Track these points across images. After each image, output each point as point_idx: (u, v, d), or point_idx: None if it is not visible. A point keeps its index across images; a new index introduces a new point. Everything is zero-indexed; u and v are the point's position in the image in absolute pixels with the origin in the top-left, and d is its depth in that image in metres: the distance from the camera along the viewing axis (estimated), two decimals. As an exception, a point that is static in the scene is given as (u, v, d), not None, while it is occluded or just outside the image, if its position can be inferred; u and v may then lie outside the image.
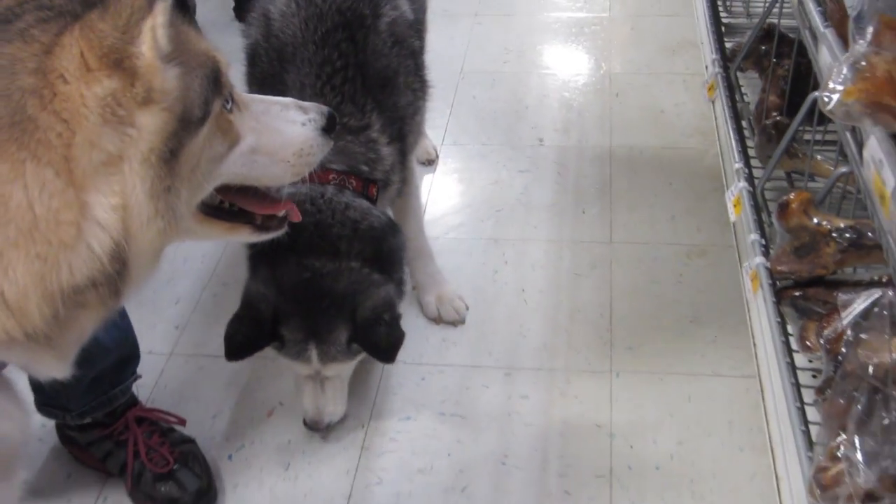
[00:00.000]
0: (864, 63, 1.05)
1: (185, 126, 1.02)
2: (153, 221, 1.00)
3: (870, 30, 1.10)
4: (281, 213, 1.31)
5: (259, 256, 1.84)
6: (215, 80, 1.08)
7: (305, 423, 2.01)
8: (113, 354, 1.87)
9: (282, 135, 1.23)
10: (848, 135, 1.19)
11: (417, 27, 2.09)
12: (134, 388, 1.99)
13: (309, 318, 1.80)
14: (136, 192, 0.98)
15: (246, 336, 1.79)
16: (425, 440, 2.05)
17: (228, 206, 1.25)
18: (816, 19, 1.26)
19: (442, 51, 2.14)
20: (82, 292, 0.98)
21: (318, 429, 2.01)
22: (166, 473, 1.90)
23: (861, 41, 1.09)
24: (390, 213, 2.14)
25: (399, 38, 1.98)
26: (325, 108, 1.28)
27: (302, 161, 1.25)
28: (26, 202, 0.93)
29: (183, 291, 2.45)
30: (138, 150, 0.97)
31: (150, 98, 0.97)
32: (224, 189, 1.20)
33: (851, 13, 1.36)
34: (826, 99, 1.03)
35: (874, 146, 0.99)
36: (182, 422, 2.02)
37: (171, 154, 1.00)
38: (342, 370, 1.94)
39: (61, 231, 0.94)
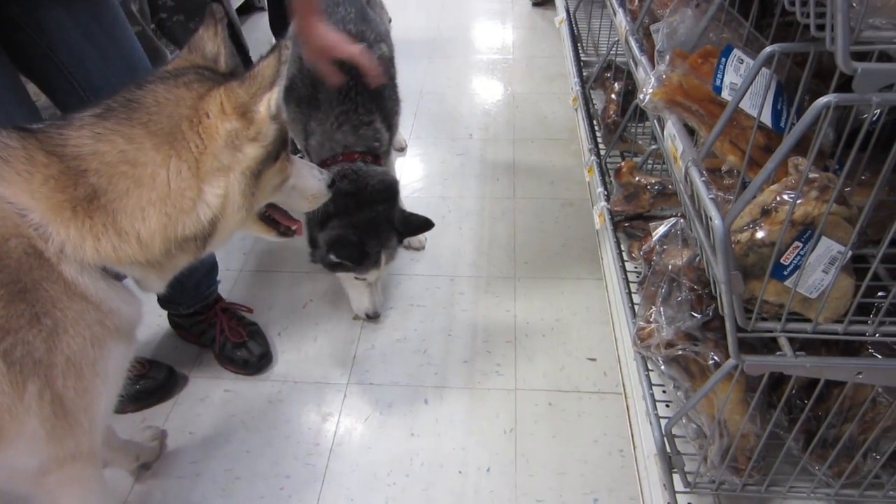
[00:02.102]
0: (664, 76, 1.03)
1: (267, 160, 1.07)
2: (240, 210, 1.05)
3: (667, 57, 1.08)
4: (293, 227, 1.33)
5: (330, 216, 1.80)
6: (284, 139, 1.11)
7: (368, 317, 1.99)
8: (205, 266, 1.85)
9: (308, 182, 1.26)
10: (655, 122, 1.18)
11: (393, 62, 2.05)
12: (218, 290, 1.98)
13: (379, 237, 1.81)
14: (234, 190, 1.03)
15: (354, 252, 1.76)
16: (401, 321, 2.03)
17: (268, 216, 1.27)
18: (637, 52, 1.23)
19: (409, 80, 2.10)
20: (186, 241, 1.03)
21: (377, 317, 2.00)
22: (240, 343, 1.89)
23: (662, 64, 1.07)
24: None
25: (384, 68, 1.93)
26: (329, 174, 1.33)
27: (314, 200, 1.30)
28: (166, 180, 0.98)
29: (247, 232, 2.40)
30: (241, 167, 1.03)
31: (257, 138, 1.03)
32: (269, 205, 1.24)
33: (657, 47, 1.35)
34: (642, 97, 1.01)
35: (671, 127, 0.98)
36: (250, 310, 2.00)
37: (258, 174, 1.06)
38: (384, 272, 1.94)
39: (184, 202, 1.00)
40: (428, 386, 1.82)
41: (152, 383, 1.81)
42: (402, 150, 2.79)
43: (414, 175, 2.68)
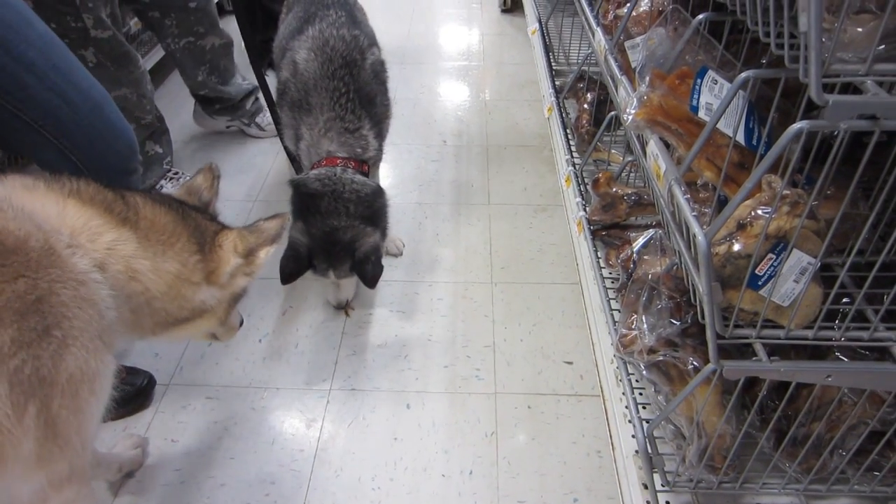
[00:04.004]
0: (645, 97, 1.09)
1: (243, 293, 1.34)
2: (214, 319, 1.29)
3: (647, 78, 1.14)
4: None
5: (297, 216, 1.89)
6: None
7: (333, 306, 2.11)
8: None
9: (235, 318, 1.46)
10: (635, 139, 1.23)
11: (384, 65, 2.08)
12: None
13: (329, 256, 1.86)
14: (224, 300, 1.28)
15: (293, 268, 1.85)
16: (381, 327, 2.07)
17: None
18: (616, 71, 1.29)
19: (382, 86, 2.16)
20: (169, 318, 1.20)
21: (341, 307, 2.11)
22: None
23: (643, 85, 1.13)
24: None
25: (376, 73, 1.97)
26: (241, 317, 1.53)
27: (233, 331, 1.47)
28: (185, 279, 1.18)
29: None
30: (233, 289, 1.28)
31: (250, 273, 1.28)
32: None
33: (635, 66, 1.41)
34: (626, 117, 1.07)
35: (653, 145, 1.03)
36: None
37: (236, 300, 1.33)
38: (350, 281, 1.99)
39: (187, 286, 1.19)
40: (410, 391, 1.86)
41: (131, 389, 1.82)
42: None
43: (390, 181, 2.71)
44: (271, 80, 2.29)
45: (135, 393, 1.82)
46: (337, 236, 1.83)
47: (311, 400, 1.84)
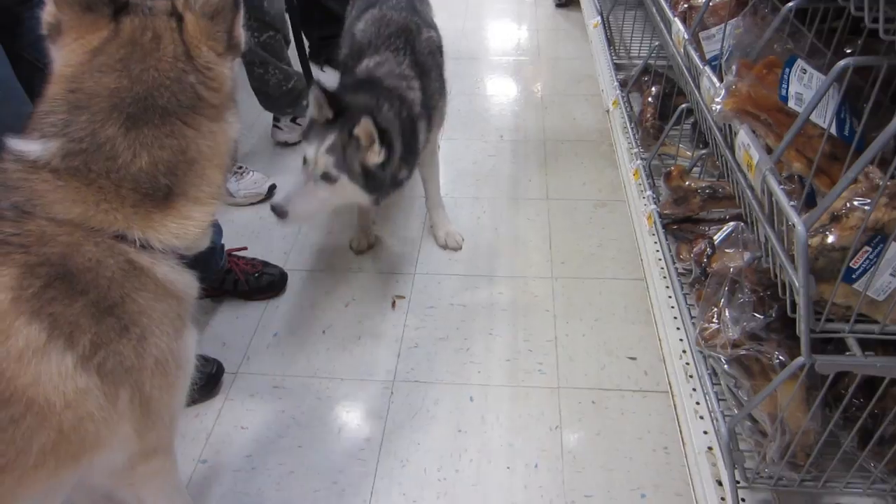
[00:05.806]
0: (733, 87, 1.07)
1: None
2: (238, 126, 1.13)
3: (734, 68, 1.12)
4: None
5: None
6: None
7: (272, 206, 1.76)
8: (217, 247, 2.04)
9: None
10: (717, 131, 1.21)
11: (440, 50, 2.10)
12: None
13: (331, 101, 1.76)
14: (236, 116, 1.12)
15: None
16: (442, 321, 2.07)
17: None
18: (698, 61, 1.27)
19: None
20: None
21: (276, 212, 1.75)
22: (259, 272, 2.16)
23: (729, 74, 1.11)
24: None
25: (431, 50, 2.01)
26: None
27: None
28: (208, 144, 1.06)
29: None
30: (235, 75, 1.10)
31: (239, 50, 1.09)
32: None
33: (709, 57, 1.38)
34: (714, 108, 1.05)
35: (743, 136, 1.01)
36: (245, 248, 2.23)
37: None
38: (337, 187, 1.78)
39: (223, 143, 1.08)
40: (472, 384, 1.86)
41: (202, 377, 1.85)
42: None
43: (446, 176, 2.69)
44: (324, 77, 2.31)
45: (205, 380, 1.86)
46: (354, 96, 1.78)
47: (376, 391, 1.86)
